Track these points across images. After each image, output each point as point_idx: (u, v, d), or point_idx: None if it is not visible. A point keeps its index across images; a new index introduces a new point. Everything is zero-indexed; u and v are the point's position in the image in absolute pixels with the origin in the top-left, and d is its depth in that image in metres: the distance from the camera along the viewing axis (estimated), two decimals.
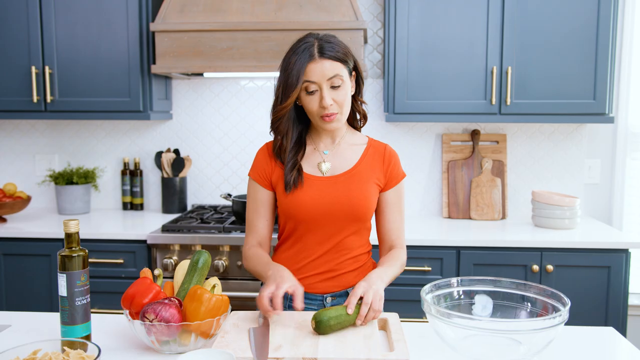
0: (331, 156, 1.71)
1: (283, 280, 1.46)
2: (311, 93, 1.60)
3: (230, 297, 2.60)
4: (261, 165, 1.73)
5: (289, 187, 1.65)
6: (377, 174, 1.70)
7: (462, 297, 1.48)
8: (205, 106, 3.29)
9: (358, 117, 1.77)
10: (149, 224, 2.93)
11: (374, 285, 1.47)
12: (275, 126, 1.67)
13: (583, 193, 3.19)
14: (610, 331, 1.55)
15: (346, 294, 1.70)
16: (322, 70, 1.57)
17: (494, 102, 2.80)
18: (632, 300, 3.09)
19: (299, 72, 1.57)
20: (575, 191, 3.17)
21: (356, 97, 1.72)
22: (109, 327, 1.53)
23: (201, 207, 3.22)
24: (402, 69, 2.84)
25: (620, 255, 2.58)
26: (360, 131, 1.81)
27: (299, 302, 1.44)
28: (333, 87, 1.59)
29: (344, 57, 1.60)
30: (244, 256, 1.74)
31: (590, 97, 2.78)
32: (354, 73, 1.68)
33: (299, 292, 1.45)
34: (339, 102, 1.61)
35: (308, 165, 1.70)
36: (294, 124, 1.69)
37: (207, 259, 1.48)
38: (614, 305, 2.61)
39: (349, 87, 1.64)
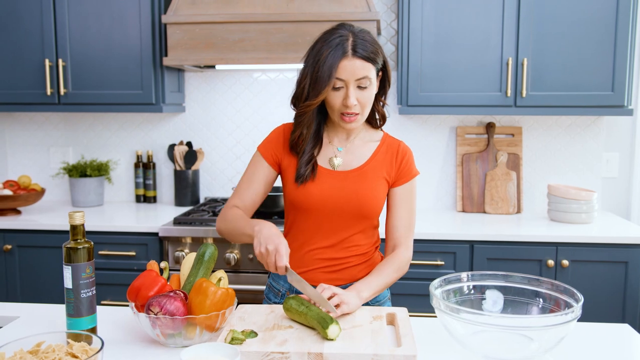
0: (344, 152, 1.68)
1: (279, 245, 1.41)
2: (336, 89, 1.54)
3: (242, 290, 2.61)
4: (274, 145, 1.69)
5: (300, 179, 1.62)
6: (387, 170, 1.67)
7: (472, 292, 1.45)
8: (218, 99, 3.27)
9: (377, 117, 1.71)
10: (161, 216, 2.93)
11: (349, 302, 1.44)
12: (299, 120, 1.62)
13: (601, 187, 3.13)
14: (625, 328, 1.51)
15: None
16: (353, 69, 1.51)
17: (509, 94, 2.75)
18: None
19: (331, 69, 1.50)
20: (592, 185, 3.11)
21: (378, 98, 1.66)
22: (117, 319, 1.53)
23: (214, 200, 3.22)
24: (415, 60, 2.80)
25: (638, 251, 2.52)
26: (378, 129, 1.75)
27: (285, 259, 1.41)
28: (359, 87, 1.54)
29: (375, 57, 1.54)
30: (222, 216, 1.67)
31: (608, 89, 2.72)
32: (380, 73, 1.61)
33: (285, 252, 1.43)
34: (362, 103, 1.56)
35: (320, 158, 1.67)
36: (315, 116, 1.65)
37: (214, 251, 1.47)
38: (631, 301, 2.55)
39: (375, 89, 1.59)
